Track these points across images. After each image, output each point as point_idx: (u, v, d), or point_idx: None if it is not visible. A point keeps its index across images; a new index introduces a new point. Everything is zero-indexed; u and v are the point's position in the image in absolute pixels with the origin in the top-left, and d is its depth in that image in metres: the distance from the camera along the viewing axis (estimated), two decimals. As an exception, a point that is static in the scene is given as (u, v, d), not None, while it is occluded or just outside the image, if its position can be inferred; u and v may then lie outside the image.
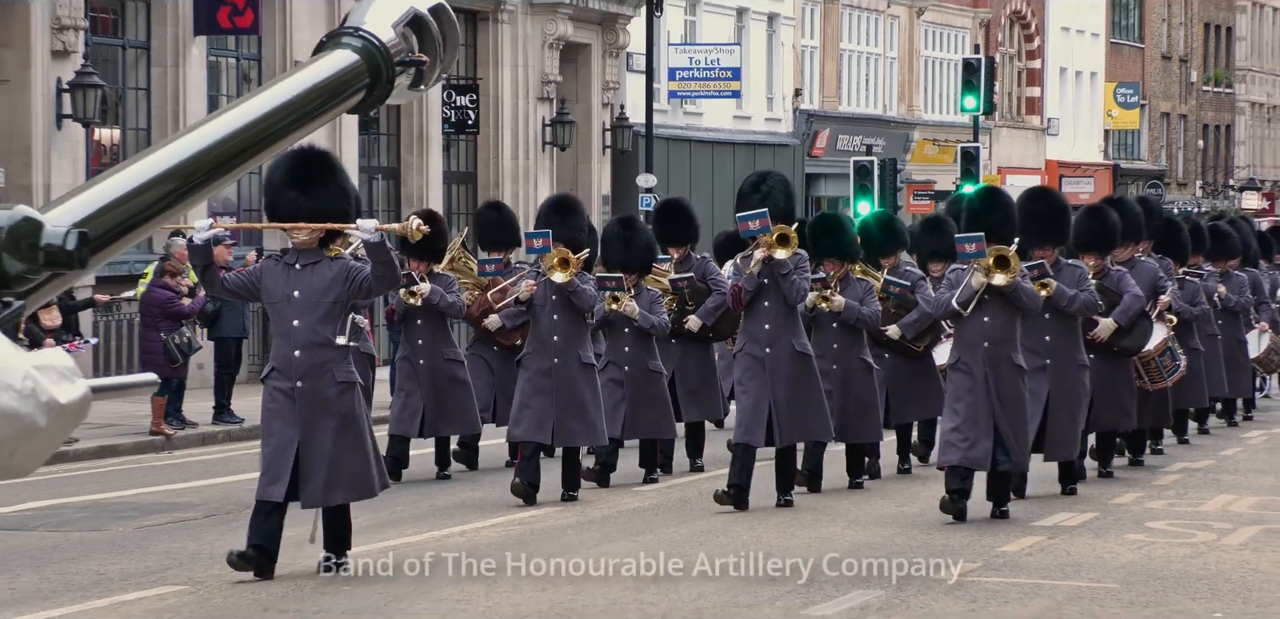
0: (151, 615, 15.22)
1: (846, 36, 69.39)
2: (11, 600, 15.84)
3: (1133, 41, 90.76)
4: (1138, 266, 23.20)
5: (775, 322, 20.22)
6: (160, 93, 41.48)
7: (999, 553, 18.59)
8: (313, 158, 15.58)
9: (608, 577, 16.18)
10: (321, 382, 15.20)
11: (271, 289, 15.30)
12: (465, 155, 50.55)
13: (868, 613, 15.13)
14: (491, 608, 15.17)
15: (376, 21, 3.21)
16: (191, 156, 3.10)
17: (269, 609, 14.80)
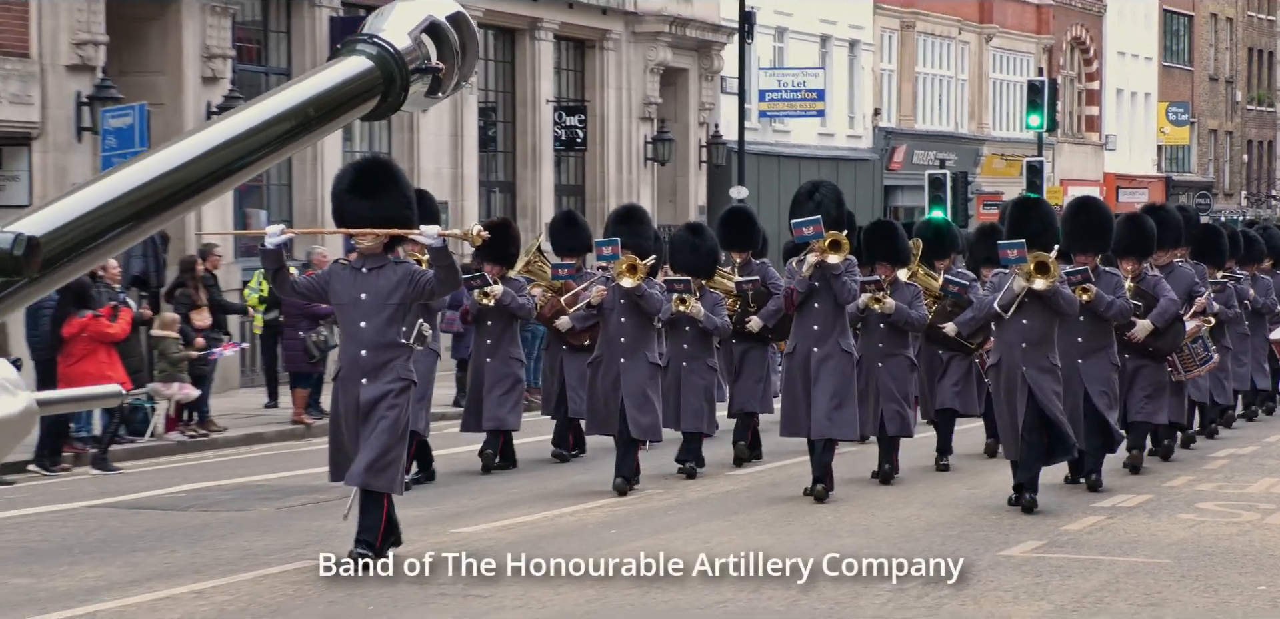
0: (292, 587, 15.21)
1: (921, 60, 69.19)
2: (167, 572, 15.85)
3: (1183, 65, 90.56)
4: (1175, 272, 22.81)
5: (824, 322, 19.89)
6: (300, 116, 41.55)
7: (1062, 531, 18.38)
8: (375, 166, 15.71)
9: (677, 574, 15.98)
10: (382, 380, 14.73)
11: (339, 292, 14.92)
12: (574, 170, 50.41)
13: (936, 590, 14.97)
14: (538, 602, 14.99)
15: (394, 29, 3.06)
16: (199, 157, 2.91)
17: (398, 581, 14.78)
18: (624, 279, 20.26)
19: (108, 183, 2.88)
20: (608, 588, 14.30)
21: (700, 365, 22.14)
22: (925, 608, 14.01)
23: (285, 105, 2.95)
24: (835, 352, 19.86)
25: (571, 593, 13.97)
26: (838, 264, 19.54)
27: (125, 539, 18.00)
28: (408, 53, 3.06)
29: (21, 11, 33.96)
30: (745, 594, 14.93)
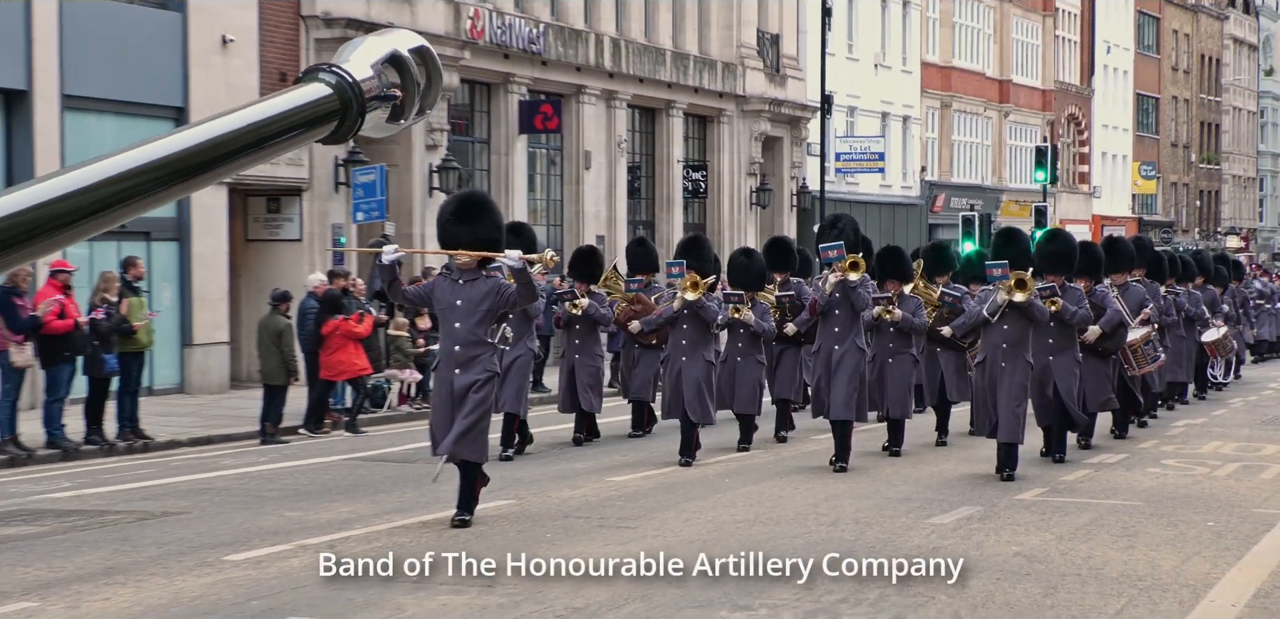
0: (491, 519, 15.20)
1: (956, 130, 68.93)
2: (401, 509, 15.72)
3: (1151, 134, 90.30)
4: (1129, 289, 22.29)
5: (843, 325, 19.35)
6: (496, 173, 41.66)
7: (1061, 482, 18.28)
8: (474, 199, 15.25)
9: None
10: (472, 371, 14.08)
11: (441, 299, 14.40)
12: (698, 212, 50.37)
13: (972, 522, 14.94)
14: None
15: (357, 60, 2.74)
16: (157, 160, 2.58)
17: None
18: (687, 293, 19.65)
19: (69, 177, 2.57)
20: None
21: (751, 361, 21.38)
22: (959, 537, 14.01)
23: (247, 121, 2.66)
24: (852, 349, 19.35)
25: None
26: (855, 280, 19.22)
27: (370, 484, 18.09)
28: (366, 82, 2.74)
29: (295, 97, 34.21)
30: (798, 537, 14.89)
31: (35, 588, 11.72)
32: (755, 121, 52.51)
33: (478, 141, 41.09)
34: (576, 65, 43.74)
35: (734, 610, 10.73)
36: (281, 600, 11.08)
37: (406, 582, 11.77)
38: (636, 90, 46.82)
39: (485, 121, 41.34)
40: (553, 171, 44.44)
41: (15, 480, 19.39)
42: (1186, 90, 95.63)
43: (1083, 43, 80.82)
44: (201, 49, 31.34)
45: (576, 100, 44.11)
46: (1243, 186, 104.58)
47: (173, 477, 19.37)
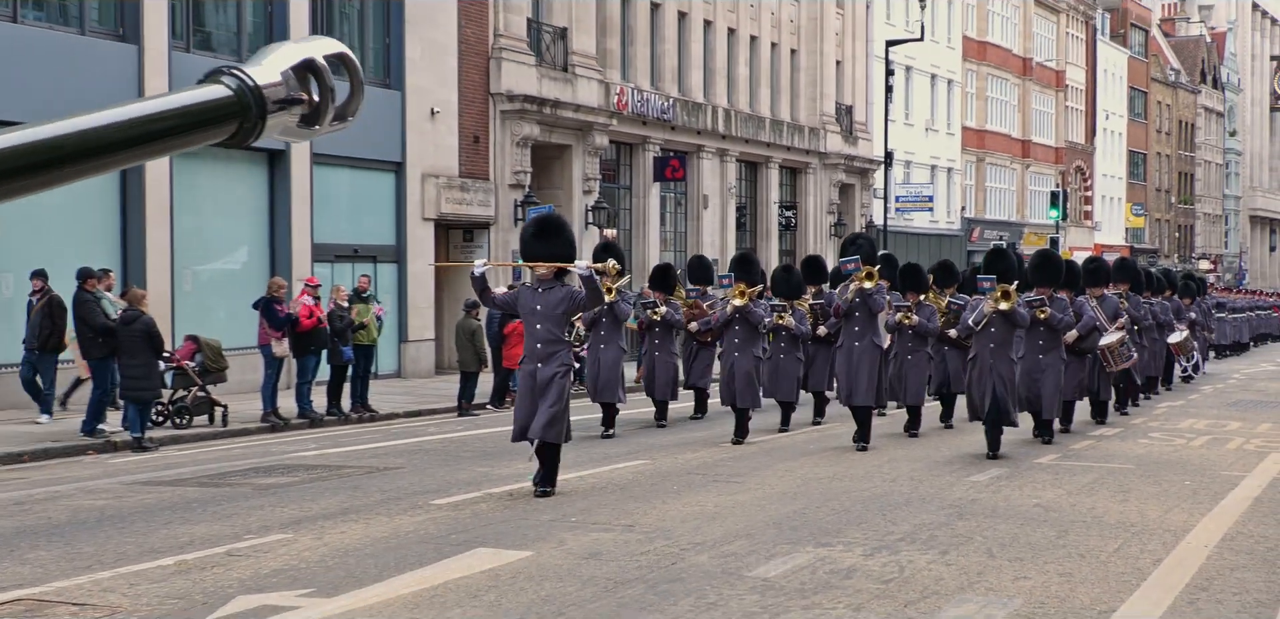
0: (630, 478, 15.19)
1: (988, 179, 68.38)
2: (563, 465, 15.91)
3: (1140, 181, 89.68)
4: (1105, 299, 21.34)
5: (862, 326, 18.08)
6: (635, 213, 41.75)
7: (1070, 449, 18.03)
8: (550, 220, 14.16)
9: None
10: (552, 364, 13.19)
11: (524, 304, 13.51)
12: (789, 242, 50.27)
13: (1001, 480, 14.76)
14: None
15: (266, 65, 2.20)
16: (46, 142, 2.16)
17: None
18: (736, 300, 18.79)
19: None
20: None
21: (791, 358, 20.13)
22: (991, 492, 13.86)
23: (140, 114, 2.15)
24: (869, 346, 18.07)
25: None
26: (871, 288, 18.00)
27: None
28: (269, 86, 2.21)
29: (486, 155, 34.49)
30: (862, 490, 14.74)
31: (290, 523, 11.85)
32: (833, 172, 52.41)
33: (622, 188, 41.22)
34: (697, 129, 43.81)
35: (817, 546, 10.66)
36: (474, 534, 11.14)
37: (567, 522, 11.84)
38: (743, 148, 46.83)
39: (628, 172, 41.49)
40: (679, 211, 44.49)
41: (275, 442, 19.63)
42: (1168, 147, 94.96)
43: (1087, 111, 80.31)
44: (415, 118, 31.62)
45: (697, 156, 44.14)
46: (1212, 222, 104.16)
47: (392, 440, 19.52)
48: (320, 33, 29.22)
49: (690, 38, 44.00)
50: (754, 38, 47.90)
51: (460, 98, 33.28)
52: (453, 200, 32.68)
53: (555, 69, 36.68)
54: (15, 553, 10.54)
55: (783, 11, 49.59)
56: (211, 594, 8.94)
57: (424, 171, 31.88)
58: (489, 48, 34.45)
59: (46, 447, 18.06)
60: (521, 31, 35.40)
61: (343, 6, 30.68)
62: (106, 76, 24.40)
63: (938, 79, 62.98)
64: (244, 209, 27.95)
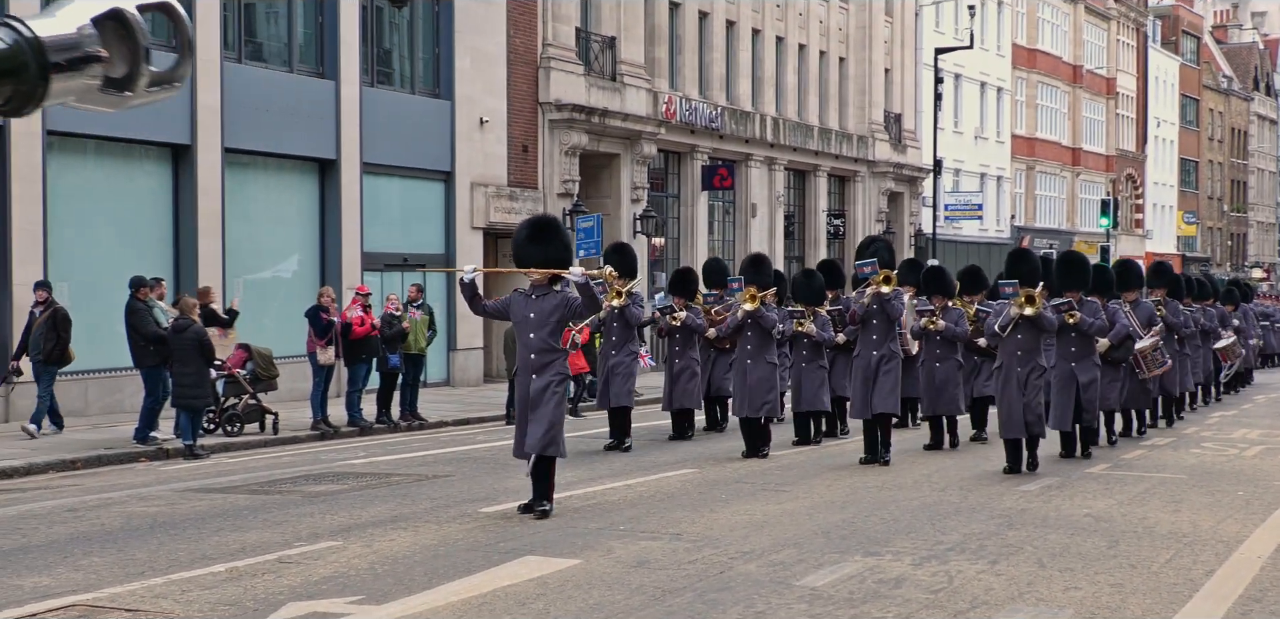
0: (635, 495, 15.14)
1: (1039, 187, 68.04)
2: (612, 473, 15.85)
3: (1192, 189, 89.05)
4: (1139, 305, 20.29)
5: (881, 334, 17.04)
6: (684, 221, 41.75)
7: (1121, 459, 17.88)
8: (545, 222, 13.19)
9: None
10: (546, 375, 12.43)
11: (517, 312, 12.67)
12: (837, 250, 50.11)
13: (1051, 489, 14.65)
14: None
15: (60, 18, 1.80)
16: None
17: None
18: (746, 304, 17.46)
19: None
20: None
21: (814, 366, 18.95)
22: (1041, 501, 13.76)
23: None
24: (889, 354, 17.02)
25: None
26: (888, 292, 16.99)
27: (588, 456, 18.03)
28: (57, 41, 1.78)
29: (535, 164, 34.57)
30: (908, 504, 14.65)
31: (340, 530, 11.90)
32: (882, 180, 52.28)
33: (670, 196, 41.24)
34: (745, 138, 43.78)
35: (866, 555, 10.62)
36: (522, 541, 11.16)
37: (615, 531, 11.83)
38: (791, 157, 46.77)
39: (676, 181, 41.50)
40: (727, 219, 44.46)
41: (324, 450, 19.72)
42: (1220, 155, 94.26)
43: (1138, 119, 79.74)
44: (465, 128, 31.74)
45: (745, 165, 44.11)
46: (1265, 230, 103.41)
47: (441, 448, 19.55)
48: (369, 42, 29.42)
49: (738, 46, 43.98)
50: (802, 46, 47.82)
51: (509, 107, 33.38)
52: (501, 209, 32.76)
53: (604, 78, 36.74)
54: (69, 559, 10.63)
55: (831, 19, 49.49)
56: (262, 601, 8.99)
57: (473, 180, 31.98)
58: (538, 57, 34.53)
59: (100, 454, 18.22)
60: (570, 41, 35.47)
61: (392, 17, 30.82)
62: (159, 87, 24.59)
63: (987, 87, 62.69)
64: (295, 218, 28.11)
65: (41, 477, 16.87)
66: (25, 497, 14.74)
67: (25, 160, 22.29)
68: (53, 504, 13.95)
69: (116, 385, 23.55)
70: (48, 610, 8.80)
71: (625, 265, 19.18)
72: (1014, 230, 63.82)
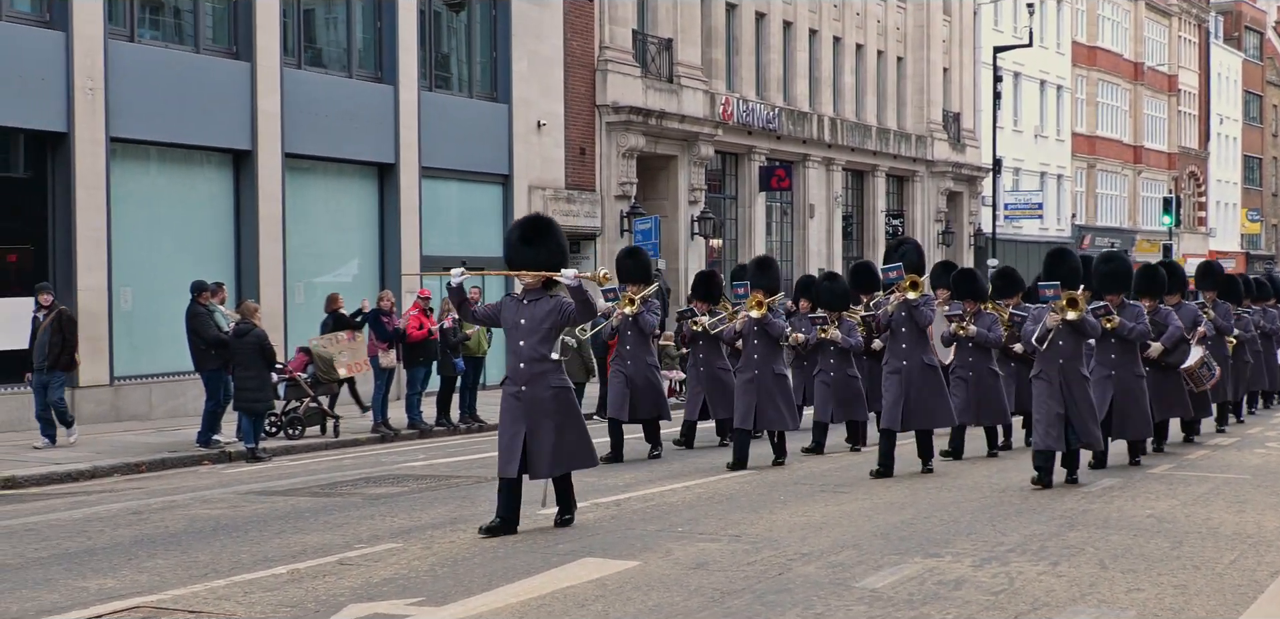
0: (692, 496, 15.10)
1: (1100, 186, 67.55)
2: (665, 477, 15.81)
3: (1256, 186, 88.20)
4: (1183, 307, 19.00)
5: (909, 341, 15.66)
6: (742, 222, 41.69)
7: (1185, 459, 17.67)
8: (537, 222, 12.09)
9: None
10: (540, 387, 11.54)
11: (507, 317, 11.73)
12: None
13: (1113, 491, 14.51)
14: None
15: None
16: None
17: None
18: (753, 310, 16.29)
19: None
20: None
21: (843, 375, 18.01)
22: (1103, 502, 13.64)
23: None
24: (919, 365, 15.67)
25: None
26: (916, 298, 15.62)
27: (645, 458, 18.08)
28: None
29: (592, 166, 34.62)
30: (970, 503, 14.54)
31: (400, 532, 11.97)
32: (941, 180, 52.05)
33: (728, 197, 41.21)
34: (803, 138, 43.70)
35: (926, 557, 10.57)
36: (581, 543, 11.18)
37: (673, 532, 11.83)
38: (849, 157, 46.64)
39: (734, 182, 41.49)
40: (785, 220, 44.37)
41: (385, 452, 19.83)
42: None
43: (1200, 115, 79.03)
44: (522, 131, 31.83)
45: (803, 165, 44.01)
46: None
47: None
48: (427, 47, 29.60)
49: (795, 47, 43.89)
50: (860, 46, 47.67)
51: (566, 110, 33.45)
52: (559, 212, 32.82)
53: (661, 80, 36.75)
54: (134, 561, 10.75)
55: (889, 19, 49.31)
56: (323, 602, 9.06)
57: (531, 183, 32.06)
58: (595, 60, 34.58)
59: (164, 457, 18.40)
60: (627, 43, 35.51)
61: (450, 21, 30.96)
62: (220, 93, 24.86)
63: (1047, 85, 62.28)
64: (354, 222, 28.28)
65: (106, 480, 17.07)
66: (90, 499, 14.91)
67: (89, 167, 22.54)
68: (117, 507, 14.11)
69: (179, 389, 23.75)
70: (112, 612, 8.90)
71: (639, 270, 17.86)
72: (1075, 229, 63.36)
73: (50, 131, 22.30)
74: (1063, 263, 15.18)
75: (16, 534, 12.30)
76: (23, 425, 21.18)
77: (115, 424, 22.59)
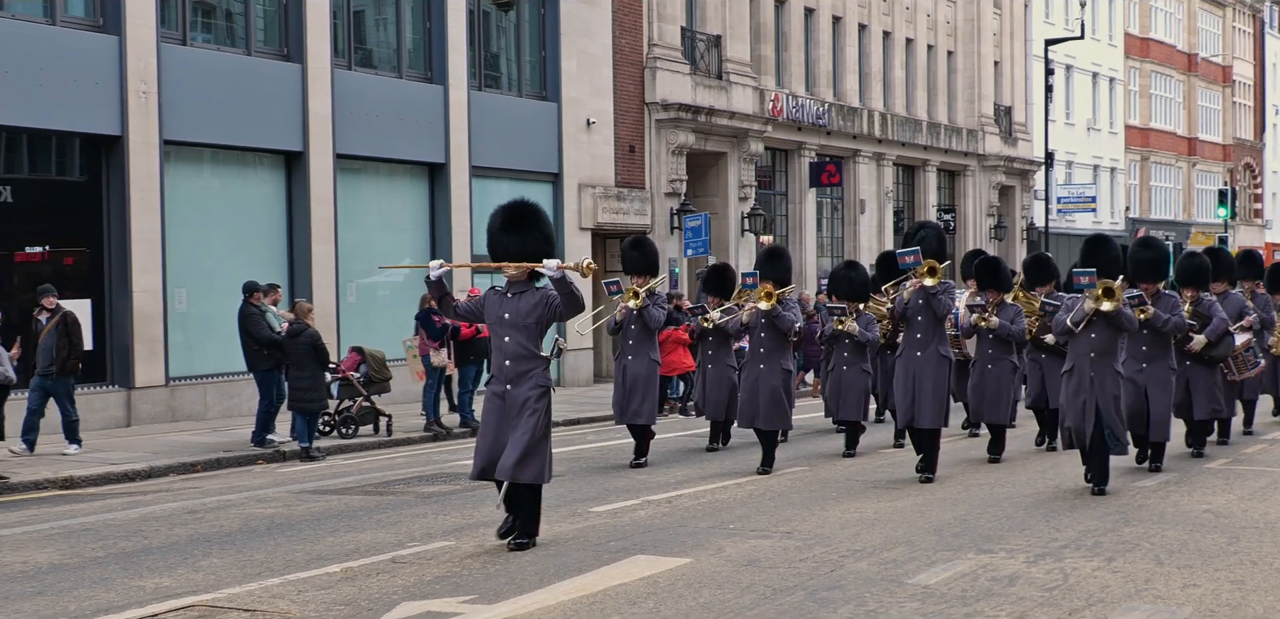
0: (743, 494, 15.06)
1: (1153, 178, 66.95)
2: (714, 474, 15.79)
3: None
4: (1228, 297, 18.10)
5: (925, 332, 14.70)
6: (792, 219, 41.58)
7: (1243, 453, 17.49)
8: (521, 208, 11.08)
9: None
10: (524, 386, 10.69)
11: (490, 312, 10.87)
12: (949, 245, 49.76)
13: (1169, 485, 14.41)
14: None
15: None
16: None
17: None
18: (761, 302, 15.56)
19: None
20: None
21: (856, 370, 17.18)
22: (1159, 498, 13.53)
23: None
24: (933, 357, 14.73)
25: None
26: (934, 285, 14.53)
27: (699, 454, 17.99)
28: None
29: (642, 164, 34.62)
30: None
31: (452, 530, 12.01)
32: (993, 174, 51.72)
33: (778, 194, 41.11)
34: (853, 134, 43.54)
35: (979, 553, 10.51)
36: (632, 541, 11.18)
37: (725, 529, 11.82)
38: (900, 152, 46.44)
39: (784, 178, 41.38)
40: (835, 216, 44.23)
41: (437, 451, 19.90)
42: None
43: (1255, 106, 78.26)
44: (571, 129, 31.87)
45: (853, 161, 43.86)
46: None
47: (553, 449, 19.63)
48: (476, 46, 29.68)
49: (845, 42, 43.74)
50: (909, 40, 47.46)
51: (615, 108, 33.46)
52: (609, 209, 32.85)
53: (710, 77, 36.70)
54: (189, 560, 10.83)
55: (939, 13, 49.07)
56: (377, 600, 9.10)
57: (581, 182, 32.10)
58: (643, 58, 34.58)
59: (218, 457, 18.54)
60: (675, 41, 35.49)
61: (499, 21, 31.03)
62: (272, 95, 25.04)
63: (1099, 77, 61.83)
64: (405, 222, 28.39)
65: (162, 479, 17.22)
66: (146, 499, 15.04)
67: (144, 169, 22.74)
68: (173, 506, 14.22)
69: (233, 389, 23.92)
70: (168, 610, 8.98)
71: (645, 262, 17.07)
72: (1129, 222, 62.87)
73: (104, 135, 22.51)
74: (1102, 251, 14.24)
75: (74, 534, 12.43)
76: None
77: (171, 424, 22.79)
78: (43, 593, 9.66)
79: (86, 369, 21.28)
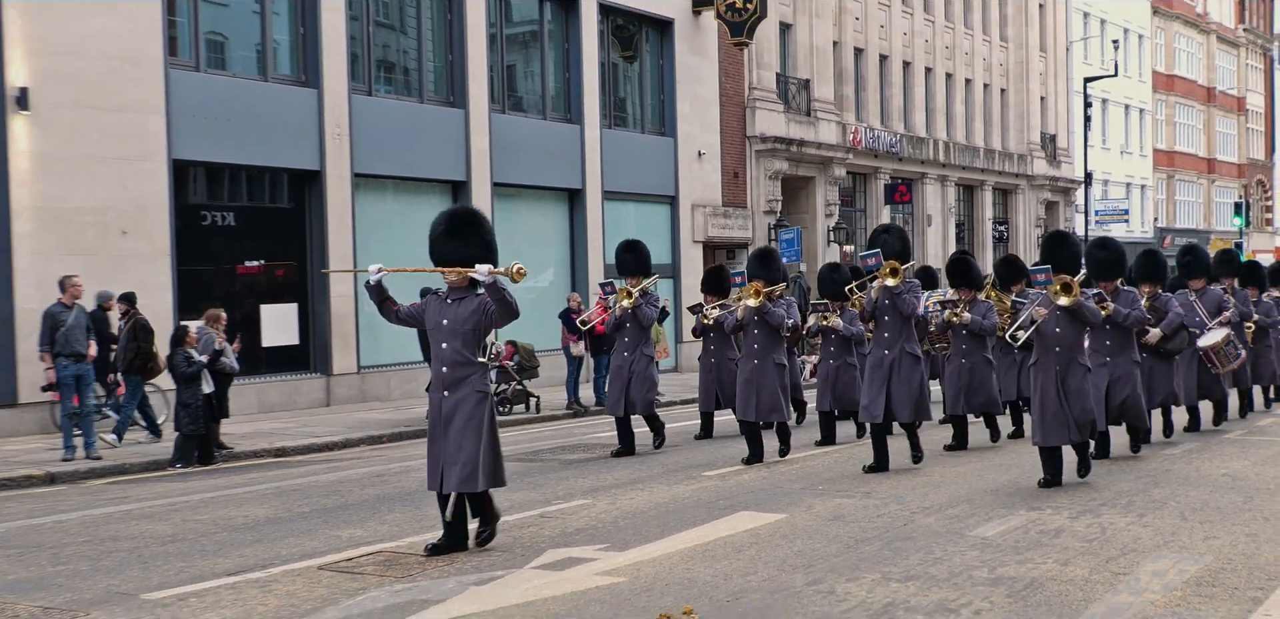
0: (778, 473, 14.90)
1: (1178, 194, 65.39)
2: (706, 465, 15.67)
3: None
4: (1207, 292, 16.59)
5: (893, 331, 12.72)
6: (870, 230, 41.13)
7: (1257, 425, 17.03)
8: (463, 214, 9.33)
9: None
10: (463, 391, 8.97)
11: (430, 317, 9.16)
12: (1002, 252, 48.95)
13: (1192, 453, 14.06)
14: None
15: None
16: None
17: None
18: (749, 300, 13.70)
19: None
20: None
21: (845, 365, 15.18)
22: (1183, 463, 13.20)
23: None
24: (903, 355, 12.78)
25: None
26: (896, 285, 12.63)
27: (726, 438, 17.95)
28: None
29: (744, 187, 34.50)
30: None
31: (589, 491, 12.07)
32: (1040, 192, 50.83)
33: (857, 210, 40.73)
34: (921, 160, 43.05)
35: (1029, 511, 10.35)
36: (737, 499, 11.17)
37: (814, 491, 11.76)
38: (960, 174, 45.79)
39: (863, 197, 40.99)
40: (907, 228, 43.74)
41: (577, 426, 19.98)
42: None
43: (1266, 131, 76.27)
44: (686, 159, 31.86)
45: (921, 182, 43.34)
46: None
47: (672, 424, 19.54)
48: (607, 91, 29.78)
49: (914, 83, 43.28)
50: (969, 80, 46.82)
51: (722, 141, 33.42)
52: (717, 225, 32.84)
53: (800, 114, 36.51)
54: (377, 515, 11.01)
55: (993, 57, 48.36)
56: (528, 548, 9.18)
57: (693, 203, 32.11)
58: (745, 99, 34.50)
59: (400, 431, 18.79)
60: (772, 84, 35.37)
61: (626, 71, 31.14)
62: (440, 136, 25.35)
63: (1131, 109, 60.55)
64: (550, 238, 28.60)
65: (355, 449, 17.50)
66: (342, 465, 15.31)
67: (338, 198, 23.14)
68: (363, 471, 14.46)
69: (413, 375, 24.25)
70: (361, 554, 9.14)
71: (638, 264, 15.27)
72: (1156, 231, 61.49)
73: (307, 170, 22.94)
74: (1060, 248, 12.05)
75: (285, 493, 12.69)
76: (287, 405, 21.78)
77: (361, 404, 23.16)
78: (261, 541, 9.89)
79: (293, 359, 21.71)
